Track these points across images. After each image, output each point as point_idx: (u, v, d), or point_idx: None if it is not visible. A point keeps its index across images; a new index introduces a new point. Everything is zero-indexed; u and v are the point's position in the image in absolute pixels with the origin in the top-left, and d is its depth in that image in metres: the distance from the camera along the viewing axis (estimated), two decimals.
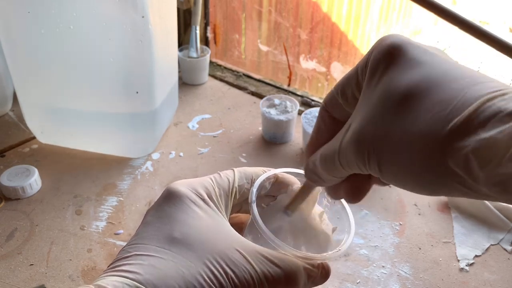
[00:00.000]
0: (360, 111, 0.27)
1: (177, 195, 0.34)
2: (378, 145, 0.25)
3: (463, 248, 0.66)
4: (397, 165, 0.25)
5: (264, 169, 0.39)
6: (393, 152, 0.25)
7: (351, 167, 0.28)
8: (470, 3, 0.82)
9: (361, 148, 0.26)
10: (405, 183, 0.25)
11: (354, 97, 0.29)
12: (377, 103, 0.26)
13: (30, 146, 0.83)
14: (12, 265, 0.61)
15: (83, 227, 0.67)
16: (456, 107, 0.23)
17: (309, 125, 0.80)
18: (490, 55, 0.66)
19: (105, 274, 0.30)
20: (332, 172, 0.30)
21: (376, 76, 0.27)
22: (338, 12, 0.97)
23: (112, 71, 0.70)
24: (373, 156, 0.25)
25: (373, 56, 0.27)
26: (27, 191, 0.72)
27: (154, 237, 0.32)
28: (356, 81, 0.29)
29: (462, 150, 0.22)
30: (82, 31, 0.67)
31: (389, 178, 0.26)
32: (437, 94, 0.24)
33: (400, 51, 0.26)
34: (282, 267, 0.32)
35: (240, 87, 1.02)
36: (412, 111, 0.24)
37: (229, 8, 1.08)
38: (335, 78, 1.00)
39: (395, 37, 0.27)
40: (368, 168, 0.26)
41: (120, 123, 0.77)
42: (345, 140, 0.27)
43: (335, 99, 0.31)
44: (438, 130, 0.23)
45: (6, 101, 0.91)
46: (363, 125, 0.26)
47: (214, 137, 0.88)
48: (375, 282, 0.61)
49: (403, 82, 0.25)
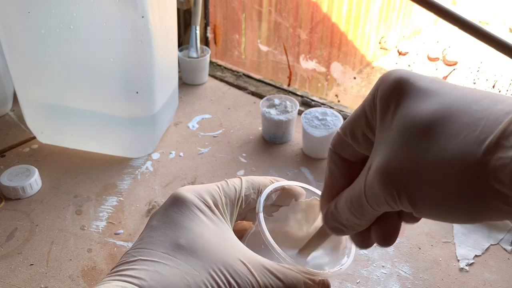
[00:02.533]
0: (380, 149, 0.26)
1: (184, 202, 0.34)
2: (407, 178, 0.24)
3: (463, 248, 0.66)
4: (432, 197, 0.23)
5: (272, 179, 0.38)
6: (425, 183, 0.23)
7: (381, 206, 0.26)
8: (470, 3, 0.82)
9: (388, 184, 0.25)
10: (443, 214, 0.24)
11: (365, 137, 0.28)
12: (398, 137, 0.25)
13: (30, 146, 0.83)
14: (12, 265, 0.61)
15: (83, 227, 0.67)
16: (486, 125, 0.22)
17: (309, 125, 0.80)
18: (490, 55, 0.66)
19: (108, 277, 0.30)
20: (361, 215, 0.28)
21: (390, 111, 0.26)
22: (338, 12, 0.97)
23: (112, 71, 0.70)
24: (403, 191, 0.24)
25: (380, 92, 0.27)
26: (27, 191, 0.72)
27: (159, 243, 0.32)
28: (366, 120, 0.28)
29: (506, 167, 0.20)
30: (82, 31, 0.67)
31: (423, 211, 0.24)
32: (462, 118, 0.23)
33: (408, 83, 0.26)
34: (284, 281, 0.32)
35: (240, 87, 1.02)
36: (439, 138, 0.23)
37: (229, 8, 1.08)
38: (335, 78, 1.01)
39: (398, 72, 0.27)
40: (400, 205, 0.25)
41: (120, 123, 0.77)
42: (370, 179, 0.26)
43: (344, 141, 0.30)
44: (473, 151, 0.22)
45: (6, 101, 0.91)
46: (387, 161, 0.25)
47: (214, 137, 0.88)
48: (375, 282, 0.61)
49: (423, 111, 0.24)
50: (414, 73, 0.27)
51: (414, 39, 1.08)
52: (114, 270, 0.31)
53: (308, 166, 0.80)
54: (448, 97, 0.24)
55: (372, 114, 0.27)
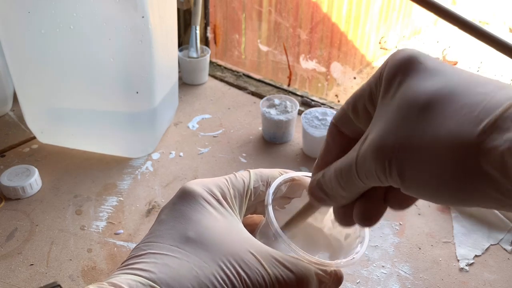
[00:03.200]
0: (378, 122, 0.26)
1: (192, 195, 0.34)
2: (400, 152, 0.24)
3: (463, 248, 0.66)
4: (423, 172, 0.23)
5: (281, 171, 0.38)
6: (418, 158, 0.23)
7: (370, 178, 0.26)
8: (470, 3, 0.82)
9: (381, 156, 0.25)
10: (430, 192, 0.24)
11: (365, 110, 0.28)
12: (397, 112, 0.25)
13: (30, 146, 0.83)
14: (12, 265, 0.61)
15: (83, 227, 0.67)
16: (485, 108, 0.22)
17: (309, 125, 0.80)
18: (490, 55, 0.66)
19: (118, 271, 0.30)
20: (348, 185, 0.28)
21: (393, 86, 0.26)
22: (338, 12, 0.97)
23: (112, 71, 0.70)
24: (395, 164, 0.24)
25: (388, 67, 0.27)
26: (27, 191, 0.72)
27: (168, 236, 0.32)
28: (369, 94, 0.28)
29: (497, 149, 0.20)
30: (82, 31, 0.67)
31: (411, 187, 0.24)
32: (463, 98, 0.23)
33: (417, 61, 0.26)
34: (295, 271, 0.32)
35: (240, 87, 1.02)
36: (437, 116, 0.23)
37: (229, 8, 1.09)
38: (335, 78, 1.01)
39: (410, 50, 0.27)
40: (389, 177, 0.25)
41: (120, 123, 0.77)
42: (364, 149, 0.26)
43: (345, 115, 0.30)
44: (469, 131, 0.21)
45: (6, 101, 0.91)
46: (383, 133, 0.25)
47: (214, 137, 0.88)
48: (375, 282, 0.61)
49: (425, 88, 0.24)
50: (424, 53, 0.27)
51: (414, 39, 1.08)
52: (124, 264, 0.31)
53: (308, 166, 0.80)
54: (454, 77, 0.24)
55: (376, 88, 0.28)
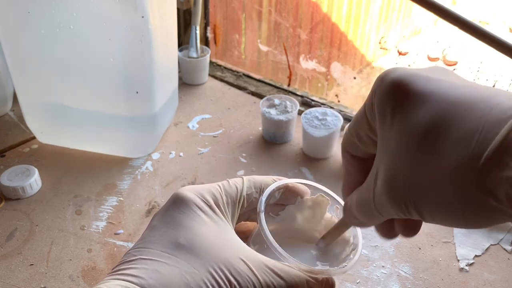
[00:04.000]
0: (382, 157, 0.27)
1: (184, 201, 0.34)
2: (411, 193, 0.25)
3: (463, 248, 0.66)
4: (435, 207, 0.24)
5: (274, 178, 0.38)
6: (429, 197, 0.24)
7: (390, 215, 0.27)
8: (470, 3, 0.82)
9: (396, 200, 0.26)
10: (451, 223, 0.25)
11: (369, 138, 0.29)
12: (398, 149, 0.26)
13: (30, 146, 0.83)
14: (12, 265, 0.61)
15: (83, 227, 0.67)
16: (480, 140, 0.22)
17: (309, 125, 0.80)
18: (490, 55, 0.66)
19: (108, 277, 0.30)
20: (372, 220, 0.30)
21: (388, 117, 0.26)
22: (338, 12, 0.97)
23: (112, 71, 0.70)
24: (410, 203, 0.25)
25: (377, 97, 0.27)
26: (27, 191, 0.72)
27: (159, 242, 0.32)
28: (367, 122, 0.29)
29: (501, 185, 0.21)
30: (82, 31, 0.67)
31: (433, 220, 0.25)
32: (456, 129, 0.23)
33: (404, 87, 0.26)
34: (286, 279, 0.32)
35: (240, 87, 1.02)
36: (437, 151, 0.24)
37: (229, 8, 1.08)
38: (335, 78, 1.01)
39: (395, 72, 0.27)
40: (409, 215, 0.26)
41: (120, 123, 0.77)
42: (378, 191, 0.27)
43: (351, 141, 0.31)
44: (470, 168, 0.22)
45: (6, 101, 0.91)
46: (391, 173, 0.26)
47: (214, 137, 0.88)
48: (375, 282, 0.61)
49: (419, 120, 0.25)
50: (411, 73, 0.27)
51: (414, 39, 1.08)
52: (115, 270, 0.31)
53: (308, 166, 0.80)
54: (442, 104, 0.25)
55: (372, 117, 0.28)
